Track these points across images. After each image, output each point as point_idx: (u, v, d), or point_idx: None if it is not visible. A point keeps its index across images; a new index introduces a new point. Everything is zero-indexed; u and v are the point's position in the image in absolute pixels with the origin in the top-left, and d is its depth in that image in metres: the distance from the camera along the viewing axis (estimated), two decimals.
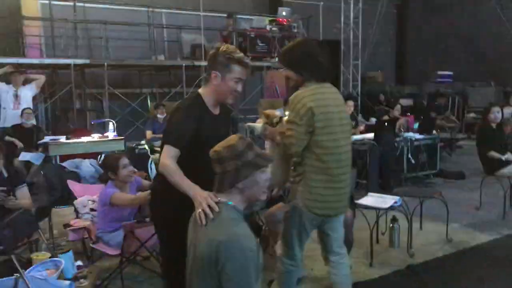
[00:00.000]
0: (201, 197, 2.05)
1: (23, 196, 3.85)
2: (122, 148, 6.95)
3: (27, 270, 2.53)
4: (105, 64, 8.86)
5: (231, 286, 1.83)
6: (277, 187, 3.03)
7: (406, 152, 7.05)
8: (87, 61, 8.78)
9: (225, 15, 10.74)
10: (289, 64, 2.82)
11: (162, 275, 2.80)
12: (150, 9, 9.70)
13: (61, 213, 4.83)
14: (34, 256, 2.79)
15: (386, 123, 7.15)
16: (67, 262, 2.66)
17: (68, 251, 2.71)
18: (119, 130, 9.85)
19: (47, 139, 6.71)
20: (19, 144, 6.79)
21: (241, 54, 2.53)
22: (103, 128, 7.69)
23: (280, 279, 3.03)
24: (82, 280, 2.67)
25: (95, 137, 6.90)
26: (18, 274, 2.42)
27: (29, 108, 7.13)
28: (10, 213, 3.65)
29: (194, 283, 1.94)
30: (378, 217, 4.48)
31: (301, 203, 2.72)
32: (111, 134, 6.99)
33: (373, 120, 9.49)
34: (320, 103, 2.64)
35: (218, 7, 11.59)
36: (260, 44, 10.55)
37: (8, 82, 7.41)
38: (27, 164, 6.47)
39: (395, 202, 4.26)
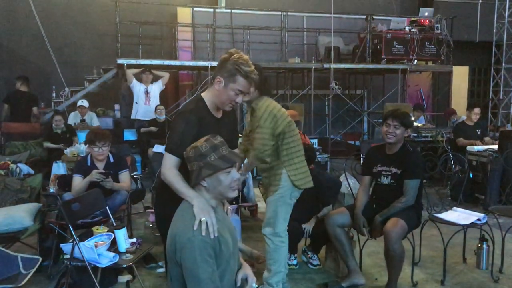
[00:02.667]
0: (202, 210, 2.14)
1: (123, 179, 4.53)
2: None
3: (87, 240, 3.07)
4: None
5: (186, 274, 2.04)
6: None
7: None
8: None
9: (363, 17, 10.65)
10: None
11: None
12: (283, 13, 10.07)
13: None
14: (94, 229, 3.33)
15: None
16: (120, 237, 3.12)
17: (122, 227, 3.16)
18: None
19: None
20: (153, 129, 7.82)
21: (251, 68, 2.48)
22: None
23: (272, 256, 3.42)
24: (128, 255, 3.09)
25: None
26: (75, 241, 2.98)
27: (161, 105, 8.12)
28: (111, 193, 4.38)
29: (169, 269, 2.19)
30: (465, 235, 4.19)
31: (289, 184, 3.36)
32: None
33: None
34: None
35: (359, 9, 11.53)
36: (397, 46, 10.20)
37: (139, 81, 8.58)
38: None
39: (479, 220, 3.91)
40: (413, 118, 8.41)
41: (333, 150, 9.51)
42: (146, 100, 8.40)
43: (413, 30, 10.29)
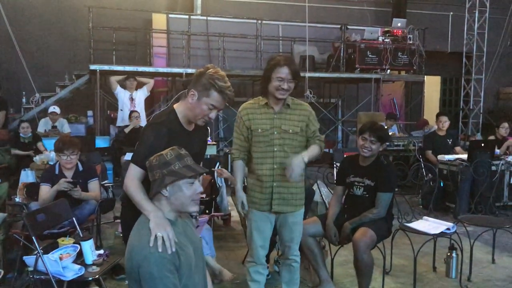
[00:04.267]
0: (157, 225, 2.07)
1: (92, 188, 4.45)
2: (214, 152, 7.43)
3: (52, 252, 2.98)
4: None
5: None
6: None
7: (508, 178, 6.38)
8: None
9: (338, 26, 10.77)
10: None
11: None
12: (259, 21, 10.10)
13: None
14: (60, 240, 3.24)
15: (482, 143, 6.52)
16: (87, 248, 3.04)
17: (89, 239, 3.08)
18: (229, 135, 10.51)
19: None
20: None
21: (226, 84, 2.46)
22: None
23: (298, 275, 3.34)
24: (94, 267, 3.02)
25: None
26: (38, 254, 2.89)
27: (136, 110, 8.02)
28: (79, 202, 4.28)
29: (129, 285, 2.12)
30: (435, 244, 4.25)
31: None
32: None
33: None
34: None
35: (334, 19, 11.65)
36: (370, 56, 10.33)
37: (124, 87, 8.47)
38: None
39: (448, 229, 3.96)
40: (386, 127, 8.51)
41: None
42: (131, 107, 8.31)
43: (386, 40, 10.45)
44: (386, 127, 8.56)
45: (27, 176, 5.85)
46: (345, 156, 4.85)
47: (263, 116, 3.04)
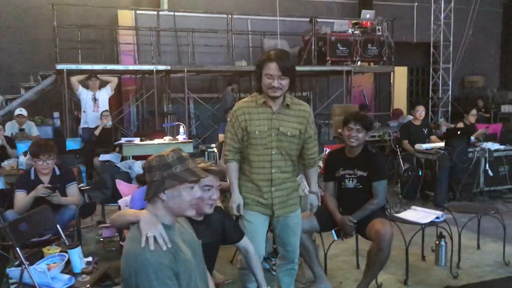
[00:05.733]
0: (147, 223, 1.97)
1: (72, 193, 4.25)
2: (191, 150, 7.28)
3: (38, 262, 2.81)
4: (185, 69, 9.33)
5: None
6: None
7: (483, 164, 6.51)
8: (168, 67, 9.29)
9: (307, 19, 10.75)
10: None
11: None
12: (229, 16, 9.96)
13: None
14: (45, 249, 3.06)
15: (459, 131, 6.63)
16: (75, 257, 2.89)
17: (77, 246, 2.92)
18: (202, 132, 10.35)
19: (122, 140, 7.26)
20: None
21: None
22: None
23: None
24: (84, 276, 2.86)
25: (167, 139, 7.31)
26: (24, 266, 2.71)
27: (107, 110, 7.77)
28: (58, 208, 4.08)
29: None
30: (423, 233, 4.26)
31: None
32: (181, 137, 7.35)
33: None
34: None
35: (303, 12, 11.64)
36: (341, 48, 10.37)
37: (86, 87, 8.19)
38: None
39: (437, 218, 3.98)
40: None
41: None
42: (95, 107, 8.03)
43: (356, 32, 10.50)
44: None
45: None
46: (329, 150, 4.79)
47: (261, 116, 2.86)
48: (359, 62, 10.66)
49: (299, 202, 3.12)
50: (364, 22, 10.75)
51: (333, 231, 3.64)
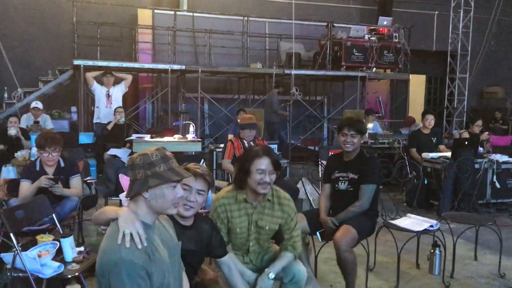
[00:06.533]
0: (125, 221, 2.00)
1: (74, 185, 4.37)
2: (199, 149, 7.36)
3: (31, 249, 2.92)
4: (199, 70, 9.45)
5: None
6: None
7: (491, 176, 6.44)
8: (183, 67, 9.41)
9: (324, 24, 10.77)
10: None
11: None
12: (245, 18, 10.05)
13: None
14: (38, 237, 3.17)
15: (466, 141, 6.57)
16: (66, 246, 2.98)
17: (69, 235, 3.02)
18: (215, 132, 10.45)
19: (133, 136, 7.39)
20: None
21: None
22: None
23: None
24: (74, 264, 2.95)
25: (176, 137, 7.41)
26: (16, 251, 2.83)
27: (120, 106, 7.92)
28: (61, 199, 4.21)
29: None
30: (418, 241, 4.26)
31: None
32: (190, 135, 7.44)
33: None
34: None
35: (321, 17, 11.65)
36: (356, 54, 10.36)
37: (101, 83, 8.36)
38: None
39: (431, 226, 3.98)
40: (370, 125, 8.55)
41: (293, 156, 9.55)
42: (108, 103, 8.20)
43: (372, 38, 10.48)
44: (370, 125, 8.60)
45: (8, 172, 5.74)
46: (330, 154, 4.85)
47: (241, 213, 2.86)
48: (374, 69, 10.63)
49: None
50: (381, 29, 10.71)
51: (317, 233, 3.68)
